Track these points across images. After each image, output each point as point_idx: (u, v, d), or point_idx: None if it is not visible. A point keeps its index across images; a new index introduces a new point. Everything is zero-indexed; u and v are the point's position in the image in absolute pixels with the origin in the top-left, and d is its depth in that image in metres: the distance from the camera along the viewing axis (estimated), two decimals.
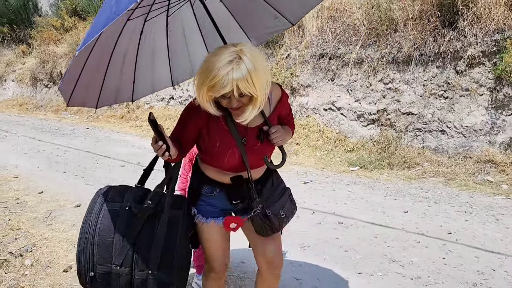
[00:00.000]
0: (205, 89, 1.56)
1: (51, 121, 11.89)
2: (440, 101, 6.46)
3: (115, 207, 1.73)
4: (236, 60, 1.50)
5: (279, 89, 1.90)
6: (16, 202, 4.44)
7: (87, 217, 1.72)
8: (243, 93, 1.54)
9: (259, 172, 1.91)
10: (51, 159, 6.78)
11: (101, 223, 1.68)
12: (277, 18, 2.30)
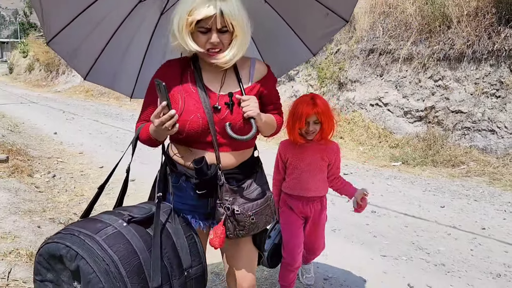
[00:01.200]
0: (185, 16, 1.40)
1: (113, 106, 12.79)
2: (491, 100, 6.31)
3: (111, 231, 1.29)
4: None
5: (266, 67, 1.67)
6: (80, 174, 5.00)
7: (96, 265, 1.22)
8: (226, 24, 1.40)
9: (232, 158, 1.57)
10: (111, 140, 7.41)
11: (116, 252, 1.25)
12: (328, 16, 1.98)
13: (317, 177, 2.23)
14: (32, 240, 2.87)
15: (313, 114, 2.08)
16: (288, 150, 2.26)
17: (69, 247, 1.22)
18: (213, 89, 1.54)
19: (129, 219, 1.34)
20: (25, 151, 5.71)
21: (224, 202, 1.51)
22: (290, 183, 2.27)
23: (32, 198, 3.80)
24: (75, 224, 1.34)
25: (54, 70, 23.23)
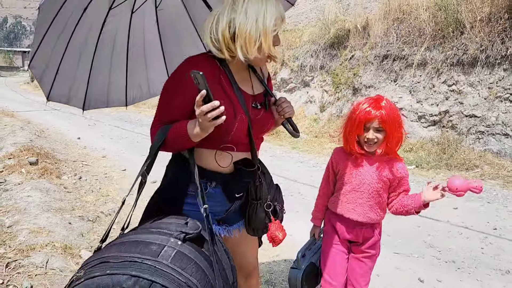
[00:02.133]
0: (271, 22, 1.40)
1: (132, 113, 13.11)
2: (505, 104, 6.37)
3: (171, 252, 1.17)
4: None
5: (267, 67, 1.74)
6: (104, 176, 5.25)
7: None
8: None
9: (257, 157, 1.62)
10: (132, 144, 7.69)
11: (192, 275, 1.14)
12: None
13: (370, 201, 1.83)
14: (65, 235, 3.09)
15: (374, 119, 1.70)
16: (342, 159, 1.90)
17: (137, 277, 1.03)
18: (246, 90, 1.56)
19: (184, 237, 1.22)
20: (52, 154, 6.00)
21: (264, 200, 1.61)
22: (335, 199, 1.92)
23: (62, 197, 4.04)
24: (118, 249, 1.15)
25: None
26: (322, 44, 9.71)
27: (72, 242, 2.97)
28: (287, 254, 3.23)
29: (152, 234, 1.23)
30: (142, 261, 1.08)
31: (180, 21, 2.15)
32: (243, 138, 1.51)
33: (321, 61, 9.63)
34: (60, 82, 1.90)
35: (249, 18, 1.38)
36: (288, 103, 1.61)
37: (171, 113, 1.47)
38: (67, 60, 1.84)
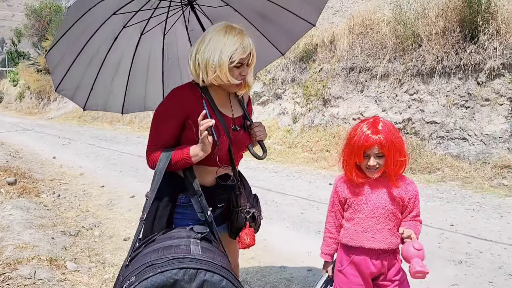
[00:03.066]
0: (228, 55, 1.61)
1: (107, 130, 13.17)
2: (462, 110, 6.84)
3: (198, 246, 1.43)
4: (242, 32, 1.68)
5: (248, 93, 1.96)
6: (83, 193, 5.37)
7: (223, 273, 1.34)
8: (250, 61, 1.70)
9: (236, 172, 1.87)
10: (109, 161, 7.79)
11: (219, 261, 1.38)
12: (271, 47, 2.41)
13: (388, 224, 1.72)
14: (49, 249, 3.24)
15: (374, 146, 1.62)
16: (348, 187, 1.78)
17: (185, 268, 1.24)
18: (227, 113, 1.79)
19: (200, 237, 1.46)
20: (29, 174, 6.07)
21: (244, 208, 1.80)
22: (350, 231, 1.76)
23: (43, 214, 4.17)
24: (155, 255, 1.35)
25: (45, 98, 23.57)
26: (292, 58, 10.09)
27: (56, 255, 3.13)
28: (260, 257, 3.47)
29: (171, 240, 1.43)
30: (184, 257, 1.28)
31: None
32: (224, 156, 1.73)
33: (292, 74, 10.00)
34: (95, 96, 2.26)
35: (209, 51, 1.63)
36: (261, 128, 1.84)
37: (163, 139, 1.68)
38: (102, 78, 2.21)
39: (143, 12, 2.12)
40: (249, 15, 2.26)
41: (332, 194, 1.86)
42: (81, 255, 3.26)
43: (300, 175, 6.67)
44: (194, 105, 1.65)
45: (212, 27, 1.70)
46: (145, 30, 2.23)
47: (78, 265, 3.03)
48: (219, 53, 1.61)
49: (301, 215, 4.61)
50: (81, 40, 2.02)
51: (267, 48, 2.36)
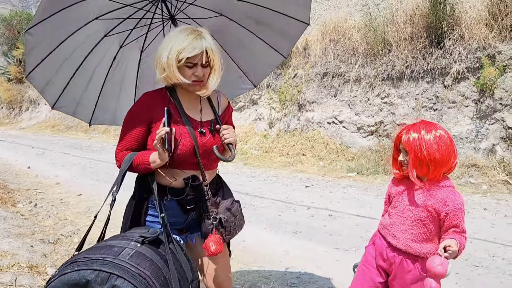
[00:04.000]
0: (175, 53, 1.63)
1: (82, 139, 12.99)
2: (430, 112, 7.14)
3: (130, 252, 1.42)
4: (199, 33, 1.68)
5: (227, 99, 2.02)
6: (60, 201, 5.34)
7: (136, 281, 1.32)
8: (209, 59, 1.68)
9: (208, 176, 1.84)
10: (85, 170, 7.73)
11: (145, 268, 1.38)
12: (241, 78, 2.44)
13: (413, 229, 1.70)
14: (29, 257, 3.24)
15: (401, 141, 1.70)
16: (395, 182, 1.85)
17: (98, 270, 1.25)
18: (194, 117, 1.80)
19: (143, 240, 1.46)
20: (4, 184, 5.98)
21: (211, 213, 1.76)
22: (384, 219, 1.86)
23: (20, 224, 4.14)
24: (87, 252, 1.38)
25: (17, 107, 22.99)
26: None
27: (37, 262, 3.13)
28: (239, 257, 3.56)
29: (117, 239, 1.49)
30: (103, 259, 1.30)
31: None
32: (189, 158, 1.73)
33: (267, 80, 10.16)
34: (66, 98, 2.17)
35: (161, 49, 1.69)
36: (229, 131, 1.81)
37: (129, 141, 1.76)
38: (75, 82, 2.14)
39: (125, 23, 2.11)
40: (245, 22, 2.26)
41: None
42: (61, 261, 3.27)
43: (277, 179, 6.80)
44: (160, 110, 1.70)
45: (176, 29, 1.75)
46: (124, 43, 2.21)
47: None
48: (168, 51, 1.65)
49: (278, 217, 4.73)
50: (58, 35, 1.94)
51: (269, 53, 2.35)
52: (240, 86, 2.48)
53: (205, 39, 1.66)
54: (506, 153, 6.22)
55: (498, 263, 3.36)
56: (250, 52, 2.36)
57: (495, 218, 4.48)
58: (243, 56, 2.38)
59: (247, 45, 2.33)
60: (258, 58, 2.40)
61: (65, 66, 2.06)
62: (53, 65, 2.00)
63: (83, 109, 2.30)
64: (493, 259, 3.43)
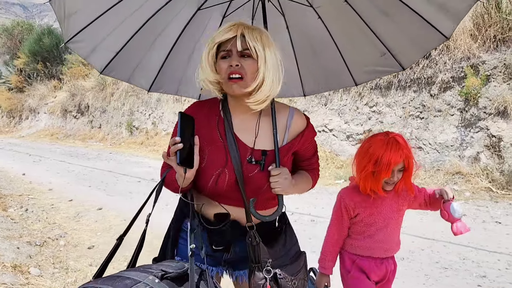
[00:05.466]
0: (208, 46, 1.34)
1: (79, 147, 13.16)
2: (417, 121, 7.28)
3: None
4: (241, 22, 1.35)
5: (305, 120, 1.48)
6: (51, 207, 5.47)
7: None
8: (249, 47, 1.28)
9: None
10: (79, 177, 7.87)
11: None
12: (384, 55, 1.91)
13: (395, 233, 1.82)
14: (14, 257, 3.36)
15: (401, 161, 1.66)
16: (359, 202, 1.78)
17: None
18: (245, 140, 1.39)
19: (162, 275, 1.22)
20: None
21: (263, 264, 1.36)
22: (362, 242, 1.80)
23: (9, 227, 4.27)
24: (95, 282, 1.22)
25: (17, 116, 23.24)
26: None
27: (21, 262, 3.26)
28: None
29: (136, 271, 1.27)
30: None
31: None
32: (229, 192, 1.37)
33: None
34: (121, 61, 1.88)
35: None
36: (280, 178, 1.33)
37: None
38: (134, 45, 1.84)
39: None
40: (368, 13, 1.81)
41: (338, 209, 1.85)
42: (45, 262, 3.40)
43: None
44: (202, 124, 1.39)
45: None
46: (203, 6, 1.85)
47: (41, 271, 3.17)
48: (209, 41, 1.35)
49: None
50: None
51: (423, 29, 1.77)
52: (381, 65, 2.00)
53: (245, 24, 1.32)
54: (489, 160, 6.35)
55: (468, 265, 3.47)
56: (395, 24, 1.81)
57: (473, 223, 4.59)
58: (386, 28, 1.84)
59: (392, 15, 1.78)
60: (406, 33, 1.84)
61: (122, 27, 1.78)
62: (104, 27, 1.74)
63: (141, 74, 2.01)
64: (463, 261, 3.54)
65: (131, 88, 14.15)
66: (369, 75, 2.12)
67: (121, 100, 14.55)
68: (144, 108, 13.70)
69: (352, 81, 2.07)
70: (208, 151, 1.35)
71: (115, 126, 14.66)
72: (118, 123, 14.53)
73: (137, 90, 13.93)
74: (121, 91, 14.58)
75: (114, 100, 14.86)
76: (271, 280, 1.35)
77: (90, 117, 16.01)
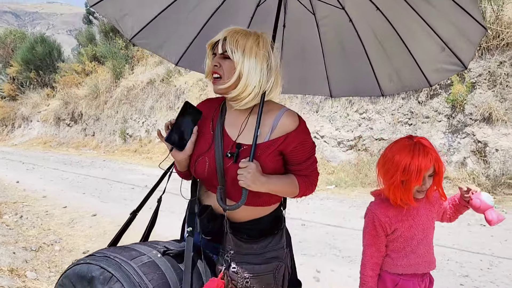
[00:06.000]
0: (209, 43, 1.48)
1: (72, 155, 13.19)
2: (405, 127, 7.45)
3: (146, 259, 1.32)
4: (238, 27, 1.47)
5: (296, 122, 1.47)
6: (45, 213, 5.53)
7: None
8: (227, 50, 1.39)
9: (241, 211, 1.43)
10: (73, 184, 7.93)
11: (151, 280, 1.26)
12: (444, 51, 1.85)
13: (431, 243, 1.72)
14: (10, 262, 3.44)
15: (431, 166, 1.55)
16: (395, 217, 1.65)
17: (104, 269, 1.22)
18: (231, 134, 1.48)
19: (164, 251, 1.36)
20: None
21: (226, 252, 1.43)
22: (404, 260, 1.66)
23: (4, 233, 4.34)
24: (107, 250, 1.34)
25: (9, 124, 23.17)
26: None
27: (17, 266, 3.34)
28: None
29: (144, 245, 1.41)
30: (114, 258, 1.27)
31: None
32: (212, 180, 1.46)
33: None
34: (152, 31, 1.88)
35: None
36: (245, 170, 1.35)
37: None
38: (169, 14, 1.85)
39: None
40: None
41: (372, 227, 1.69)
42: (41, 266, 3.48)
43: None
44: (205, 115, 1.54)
45: None
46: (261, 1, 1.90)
47: (38, 275, 3.25)
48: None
49: None
50: None
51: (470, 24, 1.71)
52: (446, 63, 1.89)
53: (234, 29, 1.43)
54: (476, 165, 6.52)
55: (451, 266, 3.60)
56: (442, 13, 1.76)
57: (458, 226, 4.73)
58: (436, 18, 1.78)
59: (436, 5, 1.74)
60: (454, 23, 1.77)
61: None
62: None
63: (171, 47, 1.98)
64: (447, 262, 3.67)
65: (125, 96, 14.24)
66: (440, 74, 1.99)
67: (115, 108, 14.62)
68: (138, 116, 13.78)
69: (426, 82, 1.98)
70: (200, 139, 1.50)
71: (108, 134, 14.71)
72: (111, 131, 14.58)
73: (130, 98, 14.02)
74: (114, 99, 14.66)
75: (107, 108, 14.93)
76: (226, 269, 1.41)
77: (83, 125, 16.05)
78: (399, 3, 1.75)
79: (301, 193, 1.54)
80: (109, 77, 15.23)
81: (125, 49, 15.48)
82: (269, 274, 1.44)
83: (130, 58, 15.27)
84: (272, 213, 1.55)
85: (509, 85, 6.38)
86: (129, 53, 15.29)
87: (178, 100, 12.09)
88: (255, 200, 1.45)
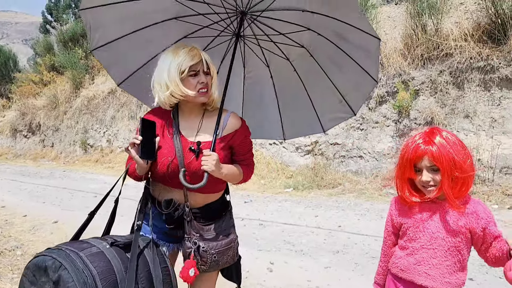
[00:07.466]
0: (176, 67, 1.68)
1: (30, 167, 12.90)
2: (357, 132, 7.92)
3: (94, 250, 1.48)
4: (190, 46, 1.77)
5: (240, 122, 1.85)
6: (5, 222, 5.52)
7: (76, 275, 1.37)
8: (209, 67, 1.74)
9: (198, 198, 1.77)
10: (32, 194, 7.86)
11: (96, 267, 1.42)
12: (341, 103, 2.17)
13: (448, 260, 1.46)
14: None
15: (423, 156, 1.41)
16: (404, 210, 1.56)
17: (54, 259, 1.38)
18: (187, 135, 1.78)
19: (112, 243, 1.54)
20: None
21: (191, 237, 1.71)
22: (400, 260, 1.56)
23: None
24: (64, 243, 1.51)
25: None
26: None
27: None
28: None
29: (96, 239, 1.59)
30: (65, 250, 1.43)
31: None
32: (176, 177, 1.69)
33: None
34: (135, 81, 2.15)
35: (159, 70, 1.75)
36: (208, 158, 1.65)
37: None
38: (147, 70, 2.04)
39: (206, 30, 2.13)
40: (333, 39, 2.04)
41: (387, 218, 1.64)
42: (3, 270, 3.55)
43: None
44: (158, 124, 1.80)
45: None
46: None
47: (1, 276, 3.34)
48: (167, 69, 1.70)
49: None
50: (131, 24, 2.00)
51: (362, 76, 2.04)
52: (340, 112, 2.23)
53: (198, 49, 1.76)
54: None
55: None
56: (344, 73, 2.11)
57: None
58: (339, 77, 2.14)
59: (340, 65, 2.08)
60: (352, 80, 2.12)
61: (138, 53, 2.10)
62: (123, 49, 2.05)
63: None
64: None
65: (85, 106, 14.10)
66: (334, 122, 2.33)
67: (75, 118, 14.44)
68: (99, 126, 13.68)
69: (321, 129, 2.31)
70: (160, 145, 1.75)
71: (68, 144, 14.48)
72: (71, 142, 14.37)
73: (91, 108, 13.90)
74: (74, 109, 14.48)
75: (67, 119, 14.71)
76: (195, 250, 1.69)
77: (42, 136, 15.70)
78: (313, 66, 2.14)
79: (244, 178, 1.89)
80: (69, 87, 15.01)
81: (85, 59, 15.32)
82: (229, 246, 1.79)
83: (90, 68, 15.12)
84: (219, 199, 1.89)
85: (448, 92, 6.97)
86: (89, 63, 15.14)
87: (140, 109, 12.13)
88: (211, 187, 1.76)
